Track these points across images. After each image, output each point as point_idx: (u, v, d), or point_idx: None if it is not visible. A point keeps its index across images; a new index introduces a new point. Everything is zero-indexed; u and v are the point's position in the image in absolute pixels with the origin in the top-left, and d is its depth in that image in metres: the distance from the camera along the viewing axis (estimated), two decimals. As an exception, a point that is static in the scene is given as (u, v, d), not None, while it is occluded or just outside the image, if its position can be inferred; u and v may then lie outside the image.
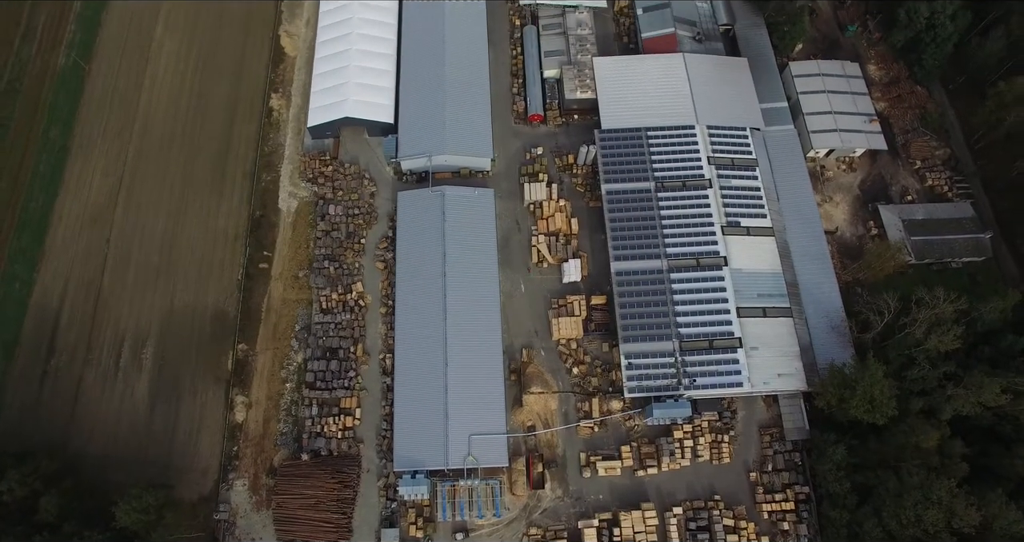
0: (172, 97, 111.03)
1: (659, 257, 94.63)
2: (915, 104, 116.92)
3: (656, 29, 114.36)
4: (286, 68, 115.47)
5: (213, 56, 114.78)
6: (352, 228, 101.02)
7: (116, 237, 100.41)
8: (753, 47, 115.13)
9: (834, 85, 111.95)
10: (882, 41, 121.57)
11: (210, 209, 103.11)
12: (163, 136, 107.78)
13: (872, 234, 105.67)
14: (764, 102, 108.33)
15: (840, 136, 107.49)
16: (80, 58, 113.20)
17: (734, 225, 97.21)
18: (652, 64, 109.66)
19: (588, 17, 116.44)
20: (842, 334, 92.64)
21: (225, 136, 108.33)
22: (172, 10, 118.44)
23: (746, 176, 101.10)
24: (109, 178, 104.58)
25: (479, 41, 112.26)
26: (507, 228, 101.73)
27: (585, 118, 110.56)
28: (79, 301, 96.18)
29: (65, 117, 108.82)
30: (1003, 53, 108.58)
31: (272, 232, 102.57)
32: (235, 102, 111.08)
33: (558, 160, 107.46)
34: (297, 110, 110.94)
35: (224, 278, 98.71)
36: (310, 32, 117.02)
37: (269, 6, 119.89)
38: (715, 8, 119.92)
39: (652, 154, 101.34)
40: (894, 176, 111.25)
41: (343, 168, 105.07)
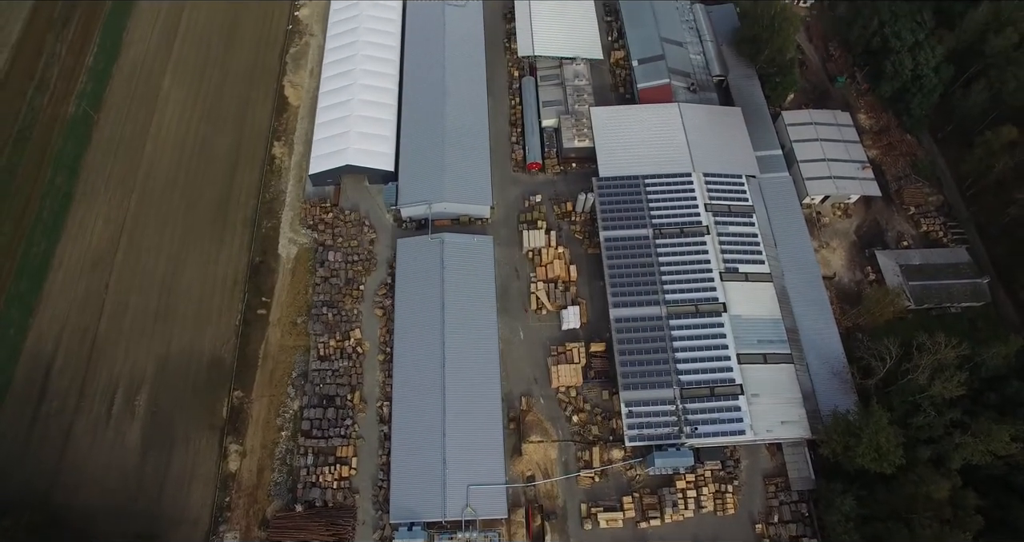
0: (177, 145, 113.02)
1: (658, 304, 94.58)
2: (906, 152, 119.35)
3: (651, 80, 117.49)
4: (289, 117, 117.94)
5: (218, 106, 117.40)
6: (351, 274, 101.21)
7: (115, 282, 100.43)
8: (746, 97, 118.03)
9: (826, 133, 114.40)
10: (870, 91, 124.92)
11: (210, 255, 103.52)
12: (166, 183, 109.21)
13: (870, 279, 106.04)
14: (759, 150, 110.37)
15: (835, 183, 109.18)
16: (89, 107, 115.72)
17: (732, 271, 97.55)
18: (648, 113, 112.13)
19: (585, 68, 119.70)
20: (844, 380, 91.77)
21: (227, 183, 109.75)
22: (180, 62, 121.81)
23: (743, 223, 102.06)
24: (111, 224, 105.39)
25: (479, 91, 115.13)
26: (506, 275, 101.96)
27: (583, 166, 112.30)
28: (74, 346, 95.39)
29: (71, 164, 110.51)
30: (986, 104, 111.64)
31: (271, 278, 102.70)
32: (238, 150, 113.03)
33: (557, 207, 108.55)
34: (299, 158, 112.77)
35: (222, 324, 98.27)
36: (313, 82, 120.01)
37: (274, 58, 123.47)
38: (708, 60, 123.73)
39: (650, 201, 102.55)
40: (889, 222, 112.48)
41: (343, 215, 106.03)
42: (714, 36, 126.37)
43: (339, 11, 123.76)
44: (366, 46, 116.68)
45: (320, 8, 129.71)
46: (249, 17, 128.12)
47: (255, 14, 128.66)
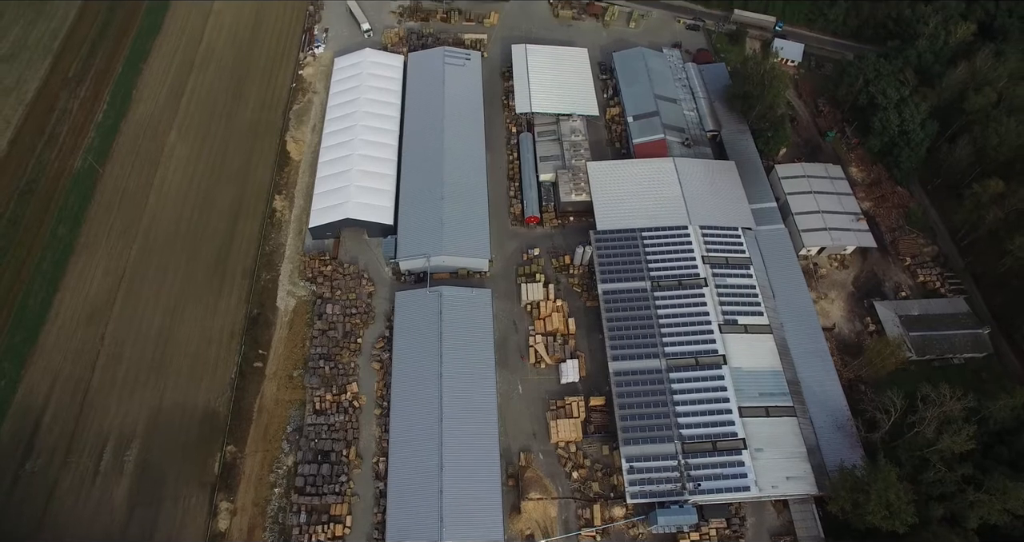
0: (179, 198, 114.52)
1: (658, 356, 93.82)
2: (898, 203, 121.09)
3: (646, 135, 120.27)
4: (291, 171, 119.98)
5: (222, 160, 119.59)
6: (349, 327, 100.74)
7: (111, 334, 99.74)
8: (740, 151, 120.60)
9: (819, 186, 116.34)
10: (860, 146, 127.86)
11: (208, 307, 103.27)
12: (167, 235, 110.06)
13: (870, 330, 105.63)
14: (754, 203, 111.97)
15: (830, 234, 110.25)
16: (96, 161, 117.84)
17: (731, 323, 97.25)
18: (644, 168, 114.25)
19: (581, 124, 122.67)
20: (849, 434, 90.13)
21: (227, 236, 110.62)
22: (186, 119, 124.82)
23: (741, 274, 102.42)
24: (110, 275, 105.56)
25: (477, 146, 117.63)
26: (504, 328, 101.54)
27: (580, 220, 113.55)
28: (65, 400, 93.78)
29: (74, 216, 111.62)
30: (972, 158, 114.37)
31: (268, 331, 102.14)
32: (239, 203, 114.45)
33: (555, 261, 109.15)
34: (299, 211, 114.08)
35: (217, 377, 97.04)
36: (315, 137, 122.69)
37: (278, 115, 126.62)
38: (701, 116, 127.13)
39: (647, 254, 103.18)
40: (886, 272, 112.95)
41: (342, 268, 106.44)
42: (706, 93, 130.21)
43: (342, 69, 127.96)
44: (367, 103, 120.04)
45: (324, 66, 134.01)
46: (255, 77, 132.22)
47: (261, 74, 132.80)
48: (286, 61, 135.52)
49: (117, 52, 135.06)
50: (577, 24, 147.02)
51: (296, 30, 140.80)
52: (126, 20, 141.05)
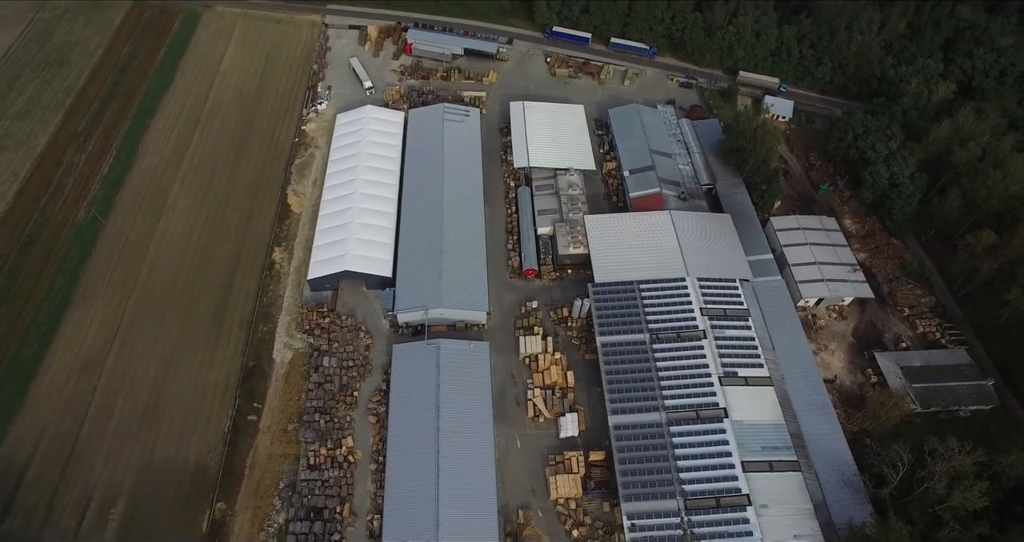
0: (179, 250, 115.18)
1: (658, 410, 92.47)
2: (893, 255, 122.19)
3: (643, 189, 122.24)
4: (291, 224, 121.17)
5: (223, 213, 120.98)
6: (346, 380, 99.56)
7: (103, 386, 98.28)
8: (735, 204, 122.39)
9: (815, 238, 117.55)
10: (853, 198, 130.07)
11: (204, 358, 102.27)
12: (166, 286, 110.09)
13: (872, 382, 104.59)
14: (750, 254, 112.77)
15: (827, 286, 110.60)
16: (99, 213, 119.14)
17: (731, 375, 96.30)
18: (641, 221, 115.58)
19: (578, 178, 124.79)
20: (856, 489, 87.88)
21: (226, 287, 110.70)
22: (190, 173, 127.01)
23: (739, 326, 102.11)
24: (106, 326, 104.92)
25: (476, 200, 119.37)
26: (503, 382, 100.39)
27: (578, 273, 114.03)
28: (51, 455, 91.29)
29: (74, 267, 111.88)
30: (963, 209, 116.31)
31: (264, 383, 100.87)
32: (239, 255, 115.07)
33: (553, 313, 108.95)
34: (298, 263, 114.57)
35: (210, 430, 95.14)
36: (316, 191, 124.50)
37: (279, 169, 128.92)
38: (696, 169, 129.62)
39: (645, 306, 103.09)
40: (885, 323, 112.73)
41: (340, 320, 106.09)
42: (701, 148, 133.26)
43: (344, 125, 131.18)
44: (368, 157, 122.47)
45: (326, 122, 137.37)
46: (258, 132, 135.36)
47: (264, 129, 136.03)
48: (289, 117, 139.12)
49: (126, 109, 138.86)
50: (573, 82, 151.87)
51: (300, 88, 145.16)
52: (136, 80, 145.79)
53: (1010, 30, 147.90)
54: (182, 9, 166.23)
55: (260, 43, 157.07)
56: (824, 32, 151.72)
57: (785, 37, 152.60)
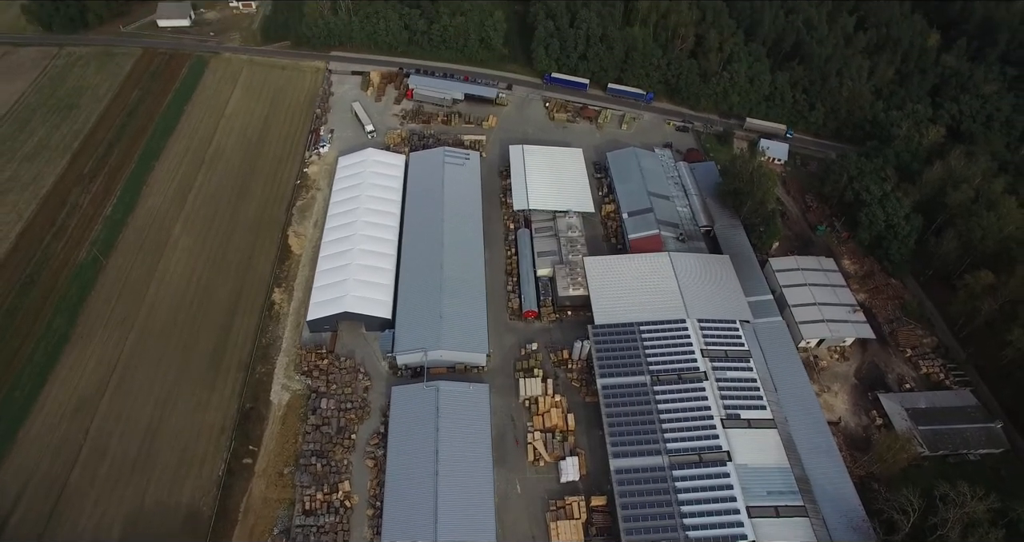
0: (180, 289, 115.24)
1: (660, 453, 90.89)
2: (893, 295, 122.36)
3: (641, 231, 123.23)
4: (291, 265, 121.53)
5: (224, 253, 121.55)
6: (343, 423, 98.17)
7: (96, 428, 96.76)
8: (733, 245, 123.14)
9: (814, 278, 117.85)
10: (850, 239, 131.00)
11: (200, 400, 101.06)
12: (164, 326, 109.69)
13: (877, 424, 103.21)
14: (750, 295, 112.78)
15: (828, 326, 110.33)
16: (100, 253, 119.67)
17: (734, 417, 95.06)
18: (640, 262, 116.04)
19: (578, 220, 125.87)
20: (867, 536, 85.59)
21: (225, 327, 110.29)
22: (192, 214, 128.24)
23: (741, 367, 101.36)
24: (103, 365, 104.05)
25: (475, 242, 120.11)
26: (502, 424, 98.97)
27: (578, 314, 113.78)
28: (37, 501, 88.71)
29: (73, 306, 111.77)
30: (959, 250, 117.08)
31: (260, 425, 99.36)
32: (239, 296, 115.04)
33: (553, 355, 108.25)
34: (298, 304, 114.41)
35: (204, 474, 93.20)
36: (317, 232, 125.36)
37: (281, 210, 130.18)
38: (694, 211, 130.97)
39: (646, 348, 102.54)
40: (888, 364, 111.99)
41: (339, 362, 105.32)
42: (698, 190, 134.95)
43: (345, 167, 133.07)
44: (369, 199, 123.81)
45: (328, 165, 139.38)
46: (260, 174, 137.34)
47: (266, 172, 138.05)
48: (292, 160, 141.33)
49: (132, 151, 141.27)
50: (572, 126, 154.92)
51: (303, 131, 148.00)
52: (143, 123, 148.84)
53: (992, 78, 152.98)
54: (191, 56, 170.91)
55: (265, 88, 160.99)
56: (816, 78, 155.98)
57: (778, 83, 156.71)
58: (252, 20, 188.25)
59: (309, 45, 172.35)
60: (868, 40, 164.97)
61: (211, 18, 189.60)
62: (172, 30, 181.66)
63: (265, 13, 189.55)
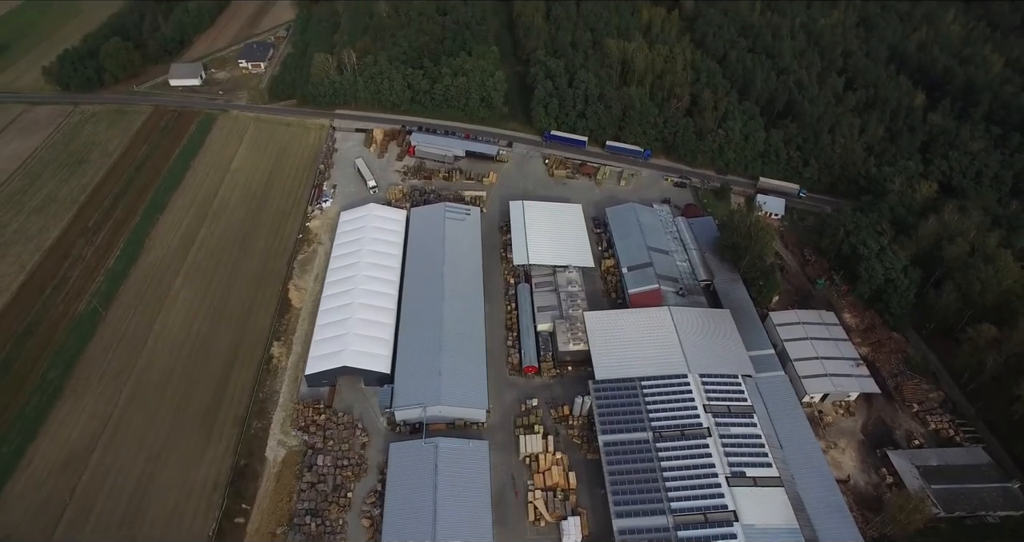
0: (177, 342, 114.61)
1: (664, 513, 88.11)
2: (896, 349, 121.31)
3: (641, 285, 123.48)
4: (291, 318, 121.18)
5: (224, 306, 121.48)
6: (340, 480, 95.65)
7: (84, 484, 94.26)
8: (733, 299, 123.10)
9: (815, 332, 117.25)
10: (850, 293, 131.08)
11: (193, 455, 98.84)
12: (161, 379, 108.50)
13: (888, 482, 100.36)
14: (751, 350, 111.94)
15: (831, 380, 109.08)
16: (100, 305, 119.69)
17: (739, 475, 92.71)
18: (640, 317, 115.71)
19: (577, 275, 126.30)
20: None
21: (222, 381, 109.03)
22: (193, 266, 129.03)
23: (744, 423, 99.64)
24: (95, 419, 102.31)
25: (476, 297, 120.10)
26: (502, 482, 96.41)
27: (579, 369, 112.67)
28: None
29: (68, 359, 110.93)
30: (960, 303, 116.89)
31: (255, 482, 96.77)
32: (237, 349, 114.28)
33: (553, 411, 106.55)
34: (296, 358, 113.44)
35: (193, 533, 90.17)
36: (317, 286, 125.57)
37: (282, 264, 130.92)
38: (694, 266, 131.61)
39: (648, 403, 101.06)
40: (894, 419, 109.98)
41: (336, 417, 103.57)
42: (697, 245, 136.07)
43: (347, 222, 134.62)
44: (370, 253, 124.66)
45: (330, 219, 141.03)
46: (263, 228, 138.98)
47: (269, 225, 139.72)
48: (294, 214, 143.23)
49: (137, 204, 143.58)
50: (571, 183, 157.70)
51: (306, 186, 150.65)
52: (150, 177, 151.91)
53: (978, 136, 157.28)
54: (199, 113, 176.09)
55: (270, 144, 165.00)
56: (809, 135, 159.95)
57: (772, 140, 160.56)
58: (260, 80, 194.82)
59: (315, 103, 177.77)
60: (857, 99, 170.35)
61: (221, 78, 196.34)
62: (183, 89, 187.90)
63: (273, 73, 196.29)
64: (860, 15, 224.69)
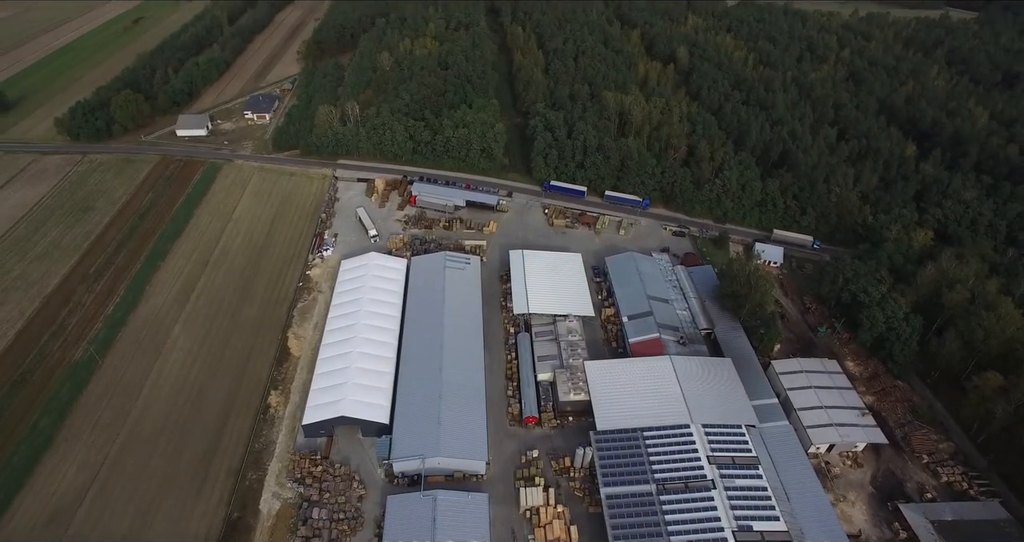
0: (174, 390, 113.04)
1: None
2: (902, 398, 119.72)
3: (642, 334, 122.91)
4: (289, 367, 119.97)
5: (222, 355, 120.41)
6: (335, 535, 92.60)
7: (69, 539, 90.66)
8: (734, 348, 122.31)
9: (818, 381, 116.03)
10: (852, 341, 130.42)
11: (184, 509, 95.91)
12: (154, 429, 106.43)
13: (901, 538, 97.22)
14: (754, 399, 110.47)
15: (837, 431, 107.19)
16: (97, 352, 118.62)
17: (746, 529, 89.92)
18: (641, 366, 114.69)
19: (578, 324, 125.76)
20: None
21: (217, 431, 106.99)
22: (193, 314, 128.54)
23: (750, 475, 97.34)
24: (85, 470, 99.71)
25: (475, 346, 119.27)
26: (502, 537, 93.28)
27: (580, 420, 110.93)
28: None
29: (62, 407, 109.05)
30: (963, 351, 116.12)
31: (247, 536, 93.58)
32: (234, 397, 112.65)
33: (554, 463, 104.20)
34: (294, 408, 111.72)
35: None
36: (317, 335, 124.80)
37: (282, 312, 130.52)
38: (694, 314, 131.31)
39: (650, 455, 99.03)
40: (904, 471, 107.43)
41: (333, 469, 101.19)
42: (697, 293, 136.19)
43: (348, 270, 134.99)
44: (370, 302, 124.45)
45: (331, 268, 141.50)
46: (264, 276, 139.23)
47: (270, 273, 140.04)
48: (295, 262, 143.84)
49: (139, 252, 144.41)
50: (570, 232, 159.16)
51: (308, 235, 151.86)
52: (153, 225, 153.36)
53: (970, 185, 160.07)
54: (204, 162, 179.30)
55: (273, 193, 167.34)
56: (805, 184, 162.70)
57: (769, 189, 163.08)
58: (265, 130, 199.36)
59: (317, 153, 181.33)
60: (850, 150, 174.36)
61: (227, 128, 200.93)
62: (190, 139, 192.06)
63: (277, 124, 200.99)
64: (848, 70, 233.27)
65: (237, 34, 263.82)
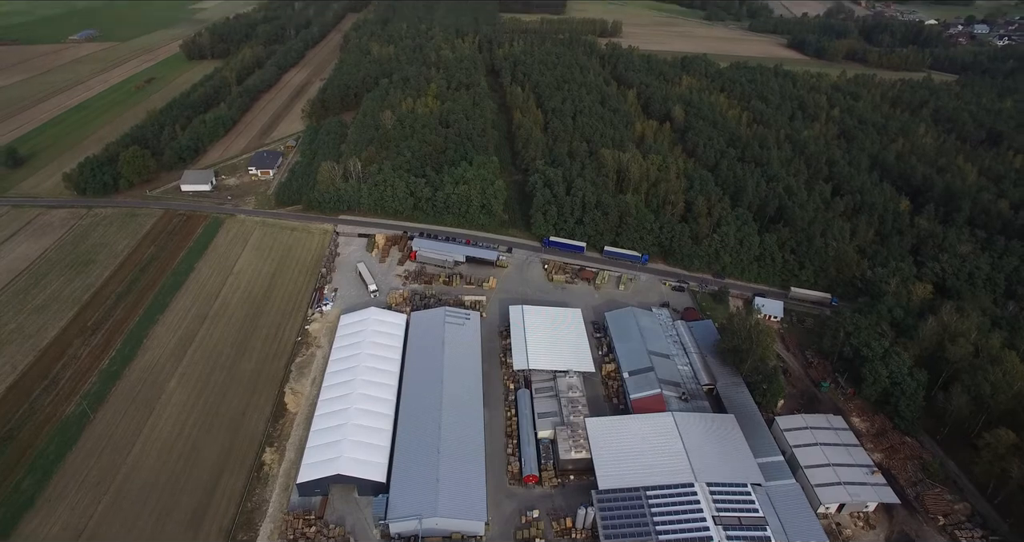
0: (166, 447, 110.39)
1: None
2: (911, 455, 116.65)
3: (643, 390, 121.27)
4: (285, 423, 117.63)
5: (217, 410, 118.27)
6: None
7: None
8: (737, 404, 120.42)
9: (824, 437, 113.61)
10: (856, 395, 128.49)
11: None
12: (144, 487, 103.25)
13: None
14: (759, 456, 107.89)
15: (846, 489, 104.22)
16: (89, 406, 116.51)
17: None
18: (643, 423, 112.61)
19: (578, 380, 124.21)
20: None
21: (210, 489, 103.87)
22: (189, 368, 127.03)
23: (758, 537, 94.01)
24: (66, 532, 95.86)
25: (475, 403, 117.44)
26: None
27: (581, 478, 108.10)
28: None
29: (48, 465, 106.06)
30: (972, 406, 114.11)
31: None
32: (228, 454, 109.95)
33: (555, 523, 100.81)
34: (289, 465, 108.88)
35: None
36: (314, 390, 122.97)
37: (280, 366, 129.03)
38: (696, 370, 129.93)
39: (654, 515, 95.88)
40: (920, 534, 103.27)
41: (327, 529, 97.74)
42: (698, 348, 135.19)
43: (347, 326, 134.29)
44: (369, 357, 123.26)
45: (330, 323, 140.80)
46: (262, 331, 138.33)
47: (268, 328, 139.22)
48: (295, 317, 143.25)
49: (138, 305, 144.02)
50: (570, 287, 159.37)
51: (308, 289, 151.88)
52: (154, 278, 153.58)
53: (965, 240, 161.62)
54: (207, 217, 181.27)
55: (274, 247, 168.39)
56: (802, 239, 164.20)
57: (767, 244, 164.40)
58: (268, 186, 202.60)
59: (319, 209, 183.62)
60: (845, 204, 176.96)
61: (231, 184, 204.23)
62: (194, 194, 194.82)
63: (281, 180, 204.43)
64: (840, 127, 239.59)
65: (244, 93, 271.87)
